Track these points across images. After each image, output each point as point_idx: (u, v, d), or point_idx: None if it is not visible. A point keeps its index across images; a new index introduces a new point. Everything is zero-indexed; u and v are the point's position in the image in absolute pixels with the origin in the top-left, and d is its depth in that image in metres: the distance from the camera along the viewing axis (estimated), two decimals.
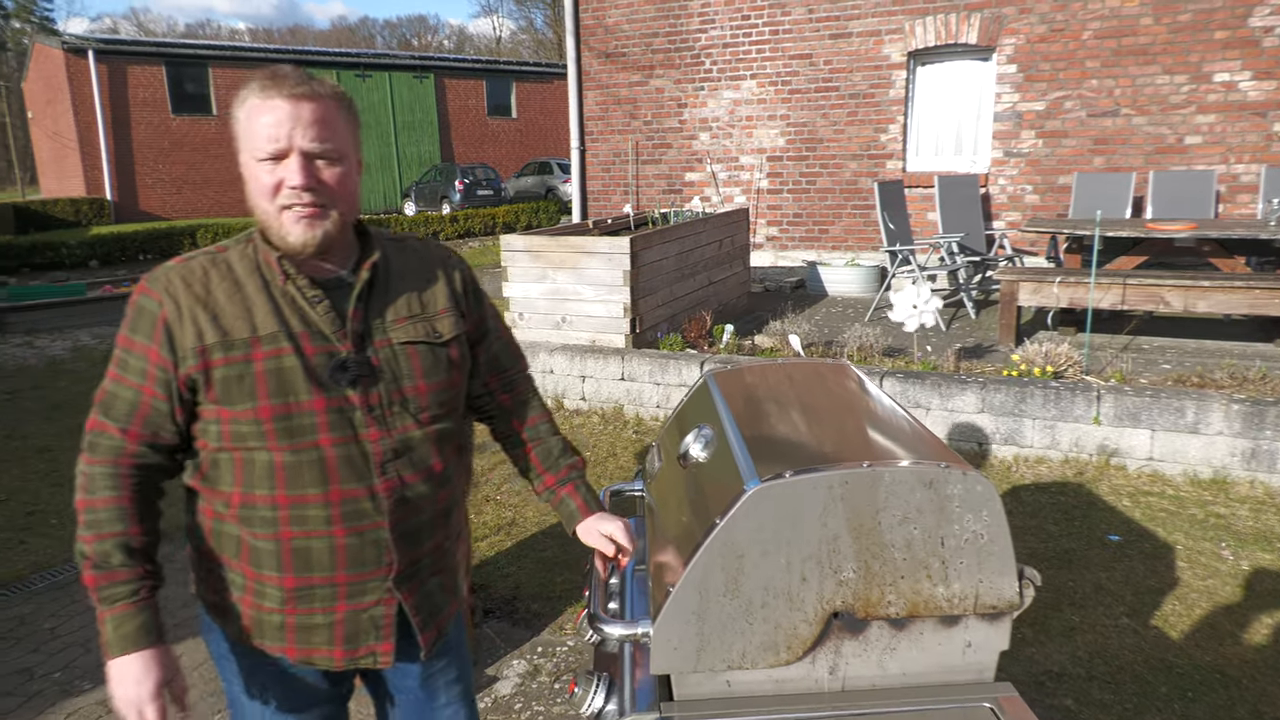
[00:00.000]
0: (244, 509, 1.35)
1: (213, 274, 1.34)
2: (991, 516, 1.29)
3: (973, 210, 7.78)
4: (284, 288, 1.35)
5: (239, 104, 1.33)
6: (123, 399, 1.33)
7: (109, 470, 1.33)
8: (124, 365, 1.34)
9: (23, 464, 5.10)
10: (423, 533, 1.44)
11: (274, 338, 1.31)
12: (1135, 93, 7.50)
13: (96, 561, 1.30)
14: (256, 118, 1.30)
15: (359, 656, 1.43)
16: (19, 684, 2.98)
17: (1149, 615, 3.18)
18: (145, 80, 22.19)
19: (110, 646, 1.30)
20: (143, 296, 1.35)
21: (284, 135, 1.29)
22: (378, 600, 1.41)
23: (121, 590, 1.30)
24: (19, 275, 13.29)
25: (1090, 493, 4.23)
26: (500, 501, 4.37)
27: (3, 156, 45.51)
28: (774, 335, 5.95)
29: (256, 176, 1.31)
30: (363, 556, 1.37)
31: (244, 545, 1.37)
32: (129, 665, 1.30)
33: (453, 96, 27.32)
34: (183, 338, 1.31)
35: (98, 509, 1.32)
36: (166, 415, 1.33)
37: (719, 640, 1.30)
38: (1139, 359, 5.42)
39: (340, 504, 1.35)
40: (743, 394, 1.76)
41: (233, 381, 1.30)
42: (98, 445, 1.34)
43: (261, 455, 1.32)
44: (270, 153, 1.29)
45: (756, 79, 8.98)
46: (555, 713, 2.76)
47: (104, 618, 1.31)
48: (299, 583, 1.37)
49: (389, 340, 1.39)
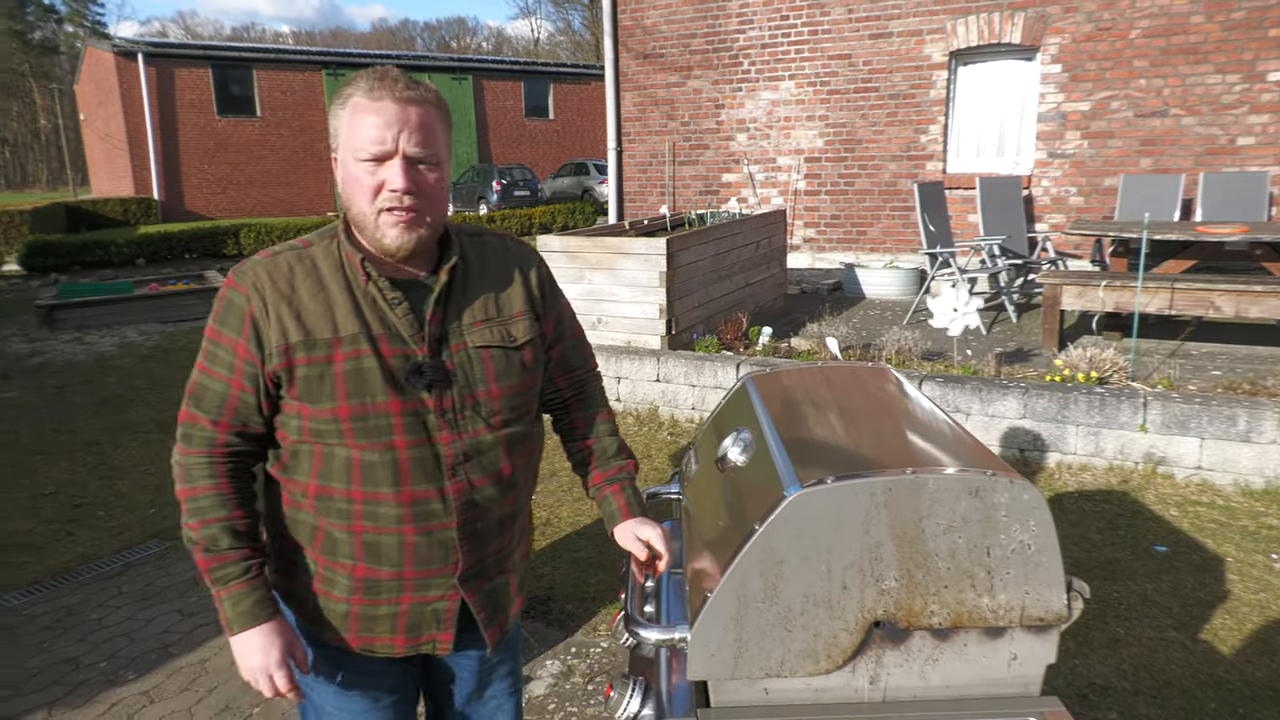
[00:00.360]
0: (320, 499, 1.39)
1: (298, 270, 1.37)
2: (1039, 526, 1.26)
3: (1015, 212, 7.64)
4: (365, 288, 1.36)
5: (341, 101, 1.35)
6: (213, 391, 1.37)
7: (204, 459, 1.38)
8: (213, 358, 1.37)
9: (71, 457, 5.22)
10: (489, 534, 1.46)
11: (354, 339, 1.34)
12: (1185, 92, 7.32)
13: (206, 546, 1.36)
14: (362, 117, 1.31)
15: (420, 643, 1.47)
16: (65, 673, 3.05)
17: (1198, 629, 3.09)
18: (192, 82, 22.66)
19: (231, 623, 1.36)
20: (231, 290, 1.37)
21: (390, 138, 1.30)
22: (441, 595, 1.44)
23: (233, 570, 1.36)
24: (70, 273, 13.64)
25: (1136, 502, 4.13)
26: (536, 501, 4.38)
27: (56, 157, 46.79)
28: (811, 338, 5.90)
29: (356, 177, 1.33)
30: (430, 555, 1.41)
31: (319, 532, 1.41)
32: (252, 638, 1.36)
33: (490, 98, 27.52)
34: (269, 334, 1.33)
35: (199, 496, 1.37)
36: (254, 408, 1.37)
37: (757, 647, 1.29)
38: (1187, 365, 5.29)
39: (411, 504, 1.37)
40: (781, 397, 1.74)
41: (314, 380, 1.33)
42: (191, 436, 1.39)
43: (340, 451, 1.36)
44: (374, 154, 1.31)
45: (795, 79, 8.92)
46: (589, 714, 2.75)
47: (220, 597, 1.36)
48: (368, 573, 1.40)
49: (464, 344, 1.41)
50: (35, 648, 3.21)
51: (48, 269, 13.67)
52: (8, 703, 2.88)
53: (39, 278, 13.19)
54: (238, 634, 1.37)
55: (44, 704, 2.87)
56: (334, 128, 1.36)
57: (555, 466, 4.78)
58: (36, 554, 3.96)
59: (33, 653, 3.18)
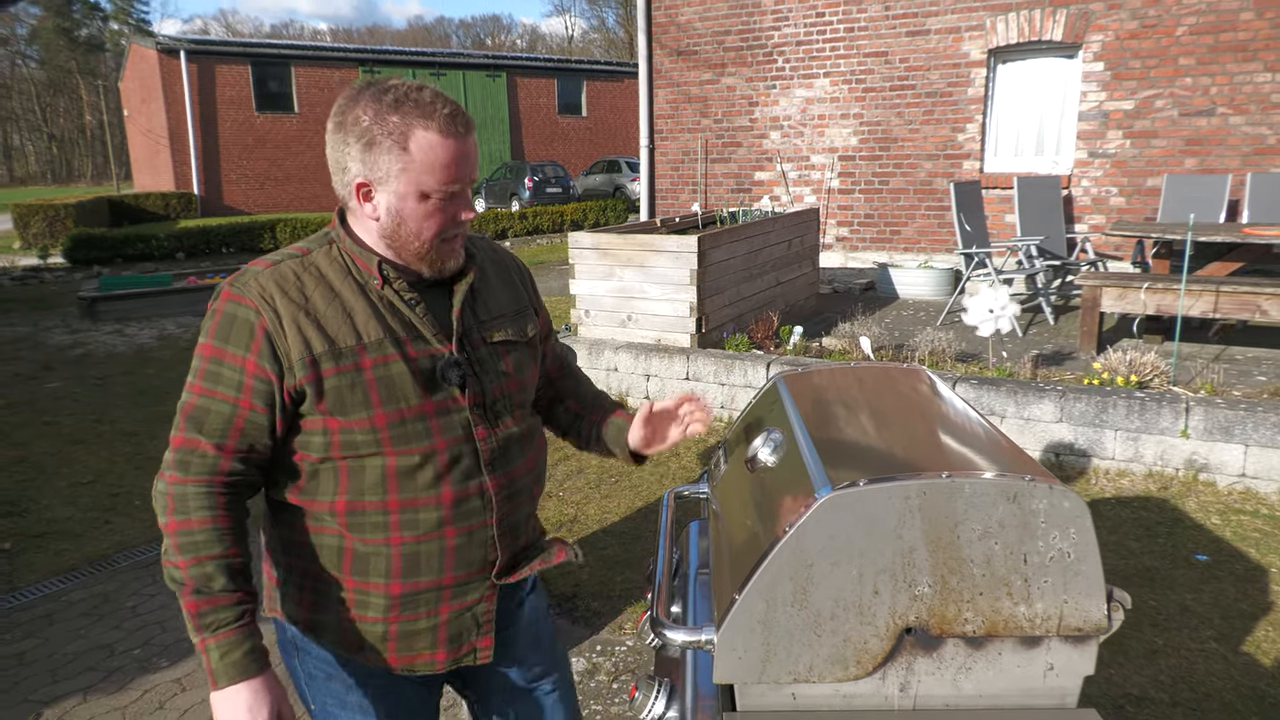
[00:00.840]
0: (350, 515, 1.32)
1: (306, 279, 1.31)
2: (1080, 534, 1.22)
3: (1053, 213, 7.51)
4: (381, 292, 1.33)
5: (402, 131, 1.26)
6: (216, 413, 1.27)
7: (203, 489, 1.27)
8: (214, 378, 1.27)
9: (110, 447, 5.32)
10: (521, 526, 1.47)
11: (380, 344, 1.30)
12: (1233, 91, 7.14)
13: (197, 586, 1.24)
14: (438, 154, 1.27)
15: (461, 655, 1.44)
16: (100, 659, 3.10)
17: (1239, 640, 3.01)
18: (232, 79, 23.02)
19: (217, 676, 1.24)
20: (232, 304, 1.28)
21: (466, 176, 1.31)
22: (480, 598, 1.43)
23: (226, 615, 1.25)
24: (112, 266, 13.92)
25: (1176, 509, 4.04)
26: (562, 498, 4.38)
27: (100, 153, 47.80)
28: (843, 338, 5.84)
29: (427, 211, 1.30)
30: (470, 556, 1.39)
31: (347, 554, 1.35)
32: (239, 694, 1.24)
33: (524, 95, 27.63)
34: (288, 348, 1.26)
35: (194, 530, 1.25)
36: (265, 429, 1.28)
37: (785, 651, 1.26)
38: (1231, 370, 5.15)
39: (453, 505, 1.35)
40: (813, 398, 1.71)
41: (345, 391, 1.28)
42: (189, 463, 1.27)
43: (374, 462, 1.31)
44: (451, 192, 1.31)
45: (830, 77, 8.84)
46: (613, 713, 2.74)
47: (206, 645, 1.24)
48: (406, 588, 1.36)
49: (486, 340, 1.42)
50: (72, 634, 3.27)
51: (91, 261, 13.97)
52: (45, 688, 2.94)
53: (82, 270, 13.48)
54: (223, 688, 1.23)
55: (80, 689, 2.92)
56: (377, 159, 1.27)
57: (583, 463, 4.77)
58: (75, 542, 4.04)
59: (70, 639, 3.24)
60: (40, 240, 16.38)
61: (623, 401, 5.84)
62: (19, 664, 3.08)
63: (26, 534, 4.12)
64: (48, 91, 52.38)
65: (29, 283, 12.44)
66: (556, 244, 16.25)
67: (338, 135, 1.30)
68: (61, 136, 53.51)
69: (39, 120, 52.94)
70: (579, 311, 6.09)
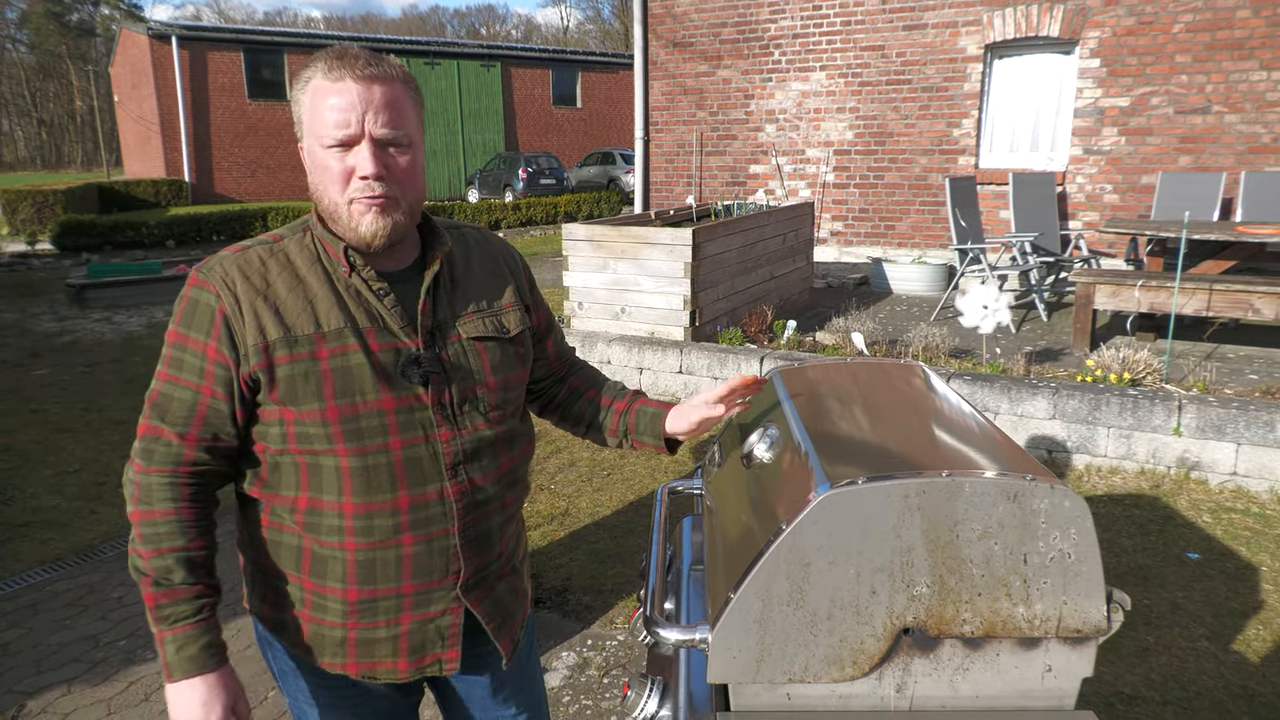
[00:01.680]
0: (310, 514, 1.28)
1: (271, 265, 1.26)
2: (1080, 535, 1.20)
3: (1048, 209, 7.51)
4: (349, 280, 1.27)
5: (301, 84, 1.24)
6: (179, 400, 1.24)
7: (166, 480, 1.24)
8: (178, 364, 1.24)
9: (97, 435, 5.27)
10: (491, 537, 1.38)
11: (339, 334, 1.24)
12: (1229, 89, 7.14)
13: (157, 578, 1.22)
14: (323, 100, 1.21)
15: (424, 665, 1.37)
16: (85, 650, 3.07)
17: (1230, 639, 3.01)
18: (224, 66, 22.85)
19: (172, 669, 1.22)
20: (196, 289, 1.25)
21: (355, 120, 1.20)
22: (444, 610, 1.35)
23: (184, 609, 1.23)
24: (101, 253, 13.81)
25: (1167, 507, 4.04)
26: (554, 491, 4.36)
27: (90, 139, 47.45)
28: (836, 332, 5.83)
29: (324, 164, 1.23)
30: (430, 565, 1.31)
31: (306, 555, 1.30)
32: (194, 689, 1.23)
33: (519, 86, 27.52)
34: (244, 333, 1.22)
35: (156, 522, 1.23)
36: (227, 417, 1.25)
37: (780, 651, 1.24)
38: (1223, 368, 5.16)
39: (409, 510, 1.28)
40: (810, 393, 1.69)
41: (298, 380, 1.22)
42: (153, 452, 1.24)
43: (328, 460, 1.25)
44: (339, 139, 1.21)
45: (826, 71, 8.81)
46: (604, 707, 2.73)
47: (164, 638, 1.22)
48: (363, 595, 1.30)
49: (459, 336, 1.33)
50: (57, 625, 3.23)
51: (80, 248, 13.86)
52: (29, 679, 2.90)
53: (71, 257, 13.37)
54: (178, 681, 1.22)
55: (64, 680, 2.89)
56: (297, 114, 1.26)
57: (574, 456, 4.75)
58: (60, 531, 4.00)
59: (54, 629, 3.20)
60: (28, 226, 16.25)
61: None
62: (3, 654, 3.04)
63: (11, 523, 4.08)
64: (37, 76, 51.94)
65: (16, 269, 12.33)
66: (550, 236, 16.20)
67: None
68: (51, 122, 53.09)
69: (28, 105, 52.51)
70: (572, 304, 6.06)
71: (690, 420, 1.53)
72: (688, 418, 1.53)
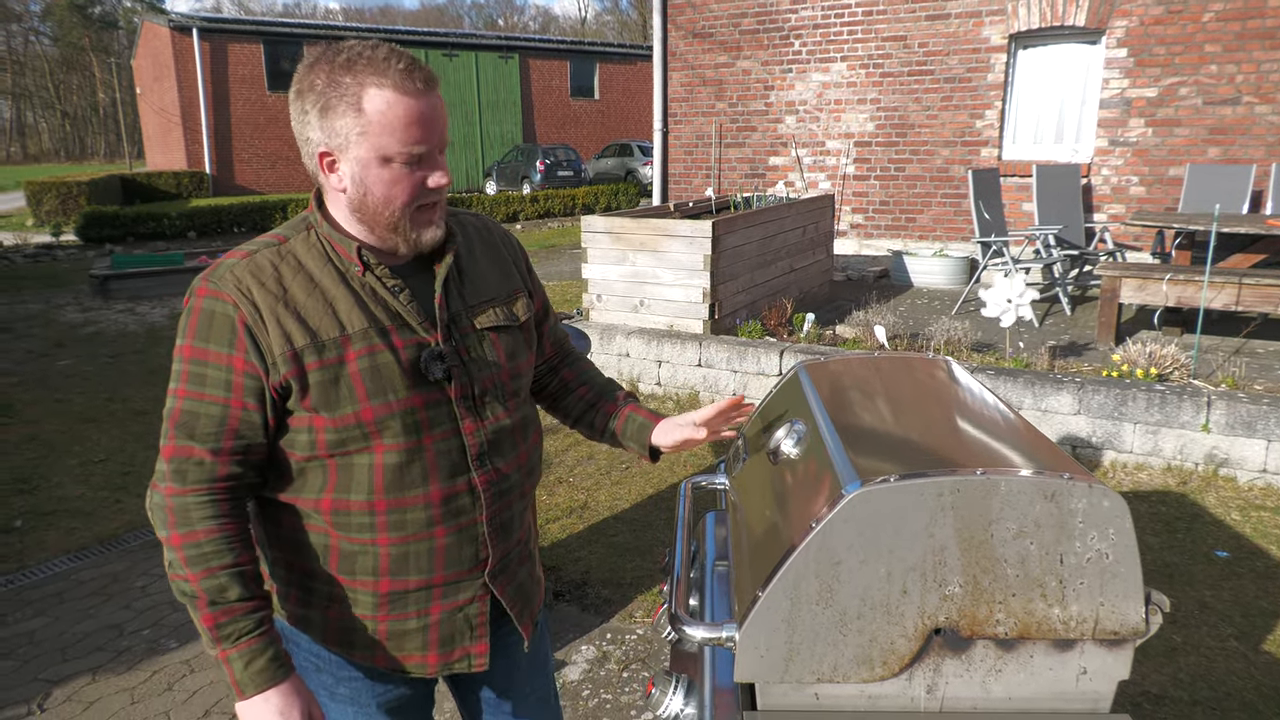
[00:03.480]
0: (337, 515, 1.27)
1: (284, 269, 1.23)
2: (1119, 535, 1.18)
3: (1072, 202, 7.41)
4: (363, 279, 1.26)
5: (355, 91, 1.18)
6: (206, 416, 1.20)
7: (205, 498, 1.21)
8: (199, 380, 1.20)
9: (122, 426, 5.31)
10: (514, 523, 1.40)
11: (364, 334, 1.23)
12: (1260, 79, 7.00)
13: (212, 598, 1.19)
14: (395, 112, 1.18)
15: (453, 660, 1.38)
16: (109, 639, 3.09)
17: (1260, 639, 2.96)
18: (244, 58, 22.94)
19: (243, 686, 1.21)
20: (209, 300, 1.20)
21: (432, 135, 1.21)
22: (472, 598, 1.36)
23: (245, 624, 1.20)
24: (124, 244, 13.93)
25: (1195, 504, 3.98)
26: (573, 484, 4.35)
27: (113, 130, 47.87)
28: (856, 325, 5.78)
29: (392, 177, 1.21)
30: (461, 555, 1.32)
31: (333, 552, 1.30)
32: (268, 701, 1.22)
33: (536, 77, 27.46)
34: (269, 342, 1.19)
35: (200, 541, 1.19)
36: (259, 427, 1.22)
37: (809, 650, 1.22)
38: (1252, 364, 5.07)
39: (441, 503, 1.29)
40: (836, 387, 1.67)
41: (328, 385, 1.21)
42: (185, 473, 1.20)
43: (361, 459, 1.25)
44: (418, 154, 1.20)
45: (847, 61, 8.72)
46: (623, 701, 2.72)
47: (228, 656, 1.20)
48: (394, 586, 1.30)
49: (473, 327, 1.34)
50: (82, 613, 3.26)
51: (103, 240, 13.99)
52: (54, 667, 2.93)
53: (94, 248, 13.49)
54: (251, 697, 1.21)
55: (89, 669, 2.91)
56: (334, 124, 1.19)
57: (593, 449, 4.74)
58: (85, 520, 4.03)
59: (79, 618, 3.23)
60: (53, 218, 16.41)
61: (634, 388, 5.81)
62: (29, 642, 3.07)
63: (37, 512, 4.12)
64: (61, 68, 52.44)
65: (41, 260, 12.46)
66: (568, 227, 16.17)
67: (296, 105, 1.23)
68: (74, 114, 53.61)
69: (52, 97, 53.04)
70: (591, 296, 6.04)
71: (673, 439, 1.54)
72: (671, 435, 1.54)
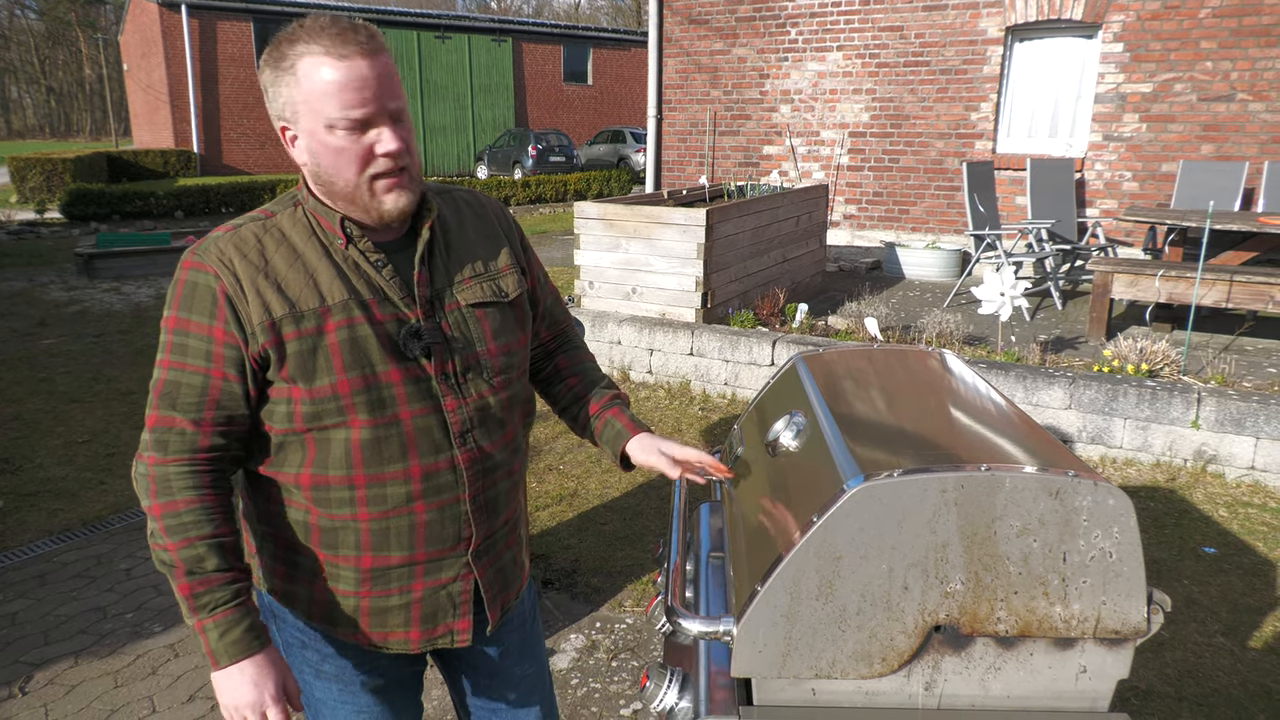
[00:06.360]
0: (316, 490, 1.27)
1: (267, 241, 1.24)
2: (1123, 534, 1.16)
3: (1065, 196, 7.41)
4: (346, 252, 1.25)
5: (285, 62, 1.18)
6: (188, 386, 1.21)
7: (185, 468, 1.21)
8: (182, 350, 1.22)
9: (106, 406, 5.25)
10: (499, 502, 1.39)
11: (344, 306, 1.23)
12: (1254, 76, 7.01)
13: (189, 568, 1.20)
14: (328, 78, 1.16)
15: (436, 636, 1.38)
16: (93, 622, 3.06)
17: (1247, 635, 2.97)
18: (234, 36, 22.66)
19: (218, 655, 1.21)
20: (193, 272, 1.22)
21: (371, 98, 1.17)
22: (455, 576, 1.36)
23: (222, 594, 1.21)
24: (110, 222, 13.76)
25: (1183, 500, 4.00)
26: (563, 471, 4.33)
27: (99, 107, 47.28)
28: (849, 317, 5.77)
29: (335, 147, 1.19)
30: (443, 533, 1.32)
31: (314, 529, 1.30)
32: (243, 672, 1.22)
33: (529, 61, 27.27)
34: (248, 312, 1.20)
35: (180, 511, 1.21)
36: (240, 397, 1.23)
37: (807, 646, 1.21)
38: (1241, 361, 5.10)
39: (422, 479, 1.28)
40: (835, 380, 1.65)
41: (306, 356, 1.21)
42: (168, 443, 1.21)
43: (339, 434, 1.24)
44: (356, 119, 1.18)
45: (843, 51, 8.68)
46: (612, 690, 2.71)
47: (204, 626, 1.21)
48: (376, 562, 1.30)
49: (457, 303, 1.32)
50: (65, 596, 3.22)
51: (88, 218, 13.81)
52: (37, 650, 2.90)
53: (79, 226, 13.33)
54: (225, 667, 1.21)
55: (72, 652, 2.88)
56: (281, 95, 1.19)
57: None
58: (69, 502, 3.98)
59: (62, 601, 3.19)
60: (37, 195, 16.20)
61: (625, 376, 5.78)
62: (11, 625, 3.03)
63: (19, 493, 4.07)
64: (46, 43, 51.69)
65: (25, 237, 12.29)
66: (559, 213, 16.09)
67: (261, 82, 1.23)
68: (60, 90, 52.90)
69: (37, 73, 52.32)
70: (583, 283, 6.00)
71: (647, 460, 1.50)
72: (646, 456, 1.50)
